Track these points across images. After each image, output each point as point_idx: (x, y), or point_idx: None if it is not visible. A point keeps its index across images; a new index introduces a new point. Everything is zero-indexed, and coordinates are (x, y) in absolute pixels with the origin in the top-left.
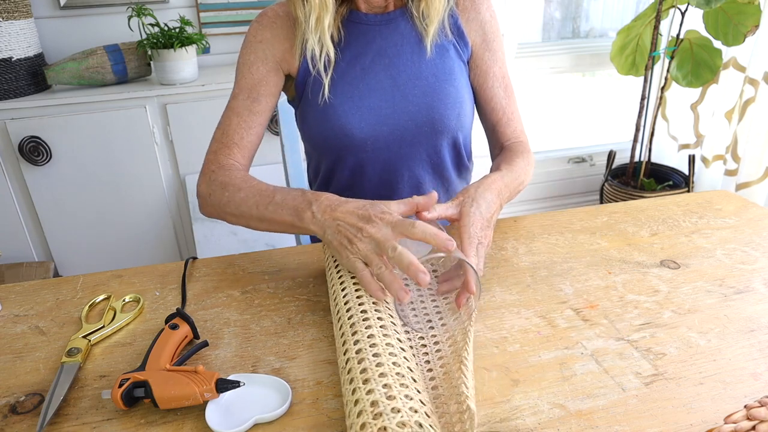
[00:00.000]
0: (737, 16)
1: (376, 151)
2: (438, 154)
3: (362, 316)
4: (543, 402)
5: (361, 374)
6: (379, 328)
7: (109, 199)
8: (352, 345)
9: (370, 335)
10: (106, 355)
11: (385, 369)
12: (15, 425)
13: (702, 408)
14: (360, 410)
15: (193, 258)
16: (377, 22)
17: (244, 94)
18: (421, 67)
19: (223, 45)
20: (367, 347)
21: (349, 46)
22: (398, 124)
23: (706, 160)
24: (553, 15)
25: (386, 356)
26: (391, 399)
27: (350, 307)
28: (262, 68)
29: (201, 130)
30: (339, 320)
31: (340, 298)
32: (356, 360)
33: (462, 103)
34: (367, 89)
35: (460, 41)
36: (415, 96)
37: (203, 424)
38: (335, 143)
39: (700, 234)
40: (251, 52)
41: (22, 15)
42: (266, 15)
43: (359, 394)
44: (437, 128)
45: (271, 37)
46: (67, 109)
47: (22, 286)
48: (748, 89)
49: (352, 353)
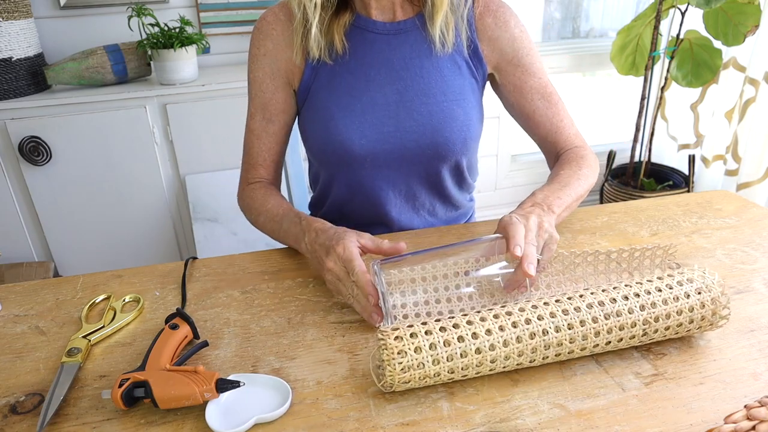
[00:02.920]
0: (737, 16)
1: (375, 168)
2: (438, 174)
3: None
4: (543, 402)
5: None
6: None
7: (109, 199)
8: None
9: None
10: (106, 355)
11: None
12: (15, 425)
13: (702, 408)
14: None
15: (193, 258)
16: (386, 32)
17: (260, 114)
18: (430, 84)
19: (223, 45)
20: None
21: (355, 54)
22: (400, 143)
23: (706, 160)
24: (553, 15)
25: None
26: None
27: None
28: (270, 85)
29: (201, 130)
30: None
31: None
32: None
33: (469, 128)
34: (371, 103)
35: (474, 58)
36: (421, 115)
37: (203, 424)
38: (334, 158)
39: (700, 234)
40: (258, 68)
41: (22, 15)
42: (265, 20)
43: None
44: (440, 152)
45: (273, 48)
46: (67, 109)
47: (22, 286)
48: (748, 89)
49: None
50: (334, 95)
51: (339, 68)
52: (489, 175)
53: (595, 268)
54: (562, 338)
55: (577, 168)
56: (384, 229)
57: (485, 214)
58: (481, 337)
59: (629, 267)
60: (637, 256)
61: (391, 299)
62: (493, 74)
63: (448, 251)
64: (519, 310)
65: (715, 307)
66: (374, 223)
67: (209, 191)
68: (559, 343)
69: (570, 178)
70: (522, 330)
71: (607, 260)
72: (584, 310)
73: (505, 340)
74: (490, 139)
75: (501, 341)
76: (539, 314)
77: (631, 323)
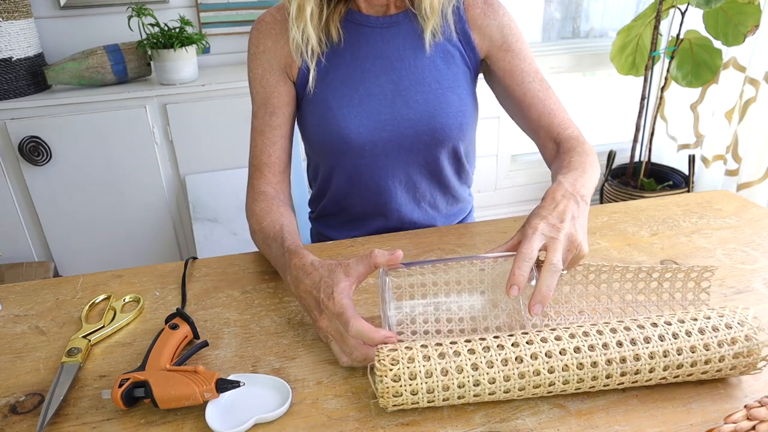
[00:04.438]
0: (737, 16)
1: (374, 157)
2: (437, 161)
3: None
4: (543, 402)
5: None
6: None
7: (109, 199)
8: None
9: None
10: (106, 355)
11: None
12: (15, 425)
13: (702, 408)
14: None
15: (193, 258)
16: (379, 25)
17: (262, 111)
18: (425, 73)
19: (223, 45)
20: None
21: (350, 47)
22: (398, 130)
23: (706, 160)
24: (553, 15)
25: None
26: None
27: None
28: (271, 79)
29: (201, 130)
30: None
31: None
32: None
33: (464, 113)
34: (367, 93)
35: (467, 47)
36: (417, 103)
37: (203, 424)
38: (333, 148)
39: (700, 234)
40: (258, 65)
41: (22, 15)
42: (264, 21)
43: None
44: (437, 138)
45: (272, 45)
46: (67, 109)
47: (22, 286)
48: (748, 89)
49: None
50: (331, 87)
51: (335, 61)
52: (489, 175)
53: (621, 286)
54: (569, 377)
55: (585, 156)
56: (383, 222)
57: (485, 214)
58: (480, 368)
59: (659, 288)
60: (668, 277)
61: (394, 309)
62: (485, 62)
63: (453, 264)
64: (527, 343)
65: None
66: (374, 214)
67: (209, 191)
68: (565, 381)
69: (585, 164)
70: (527, 365)
71: (635, 278)
72: (599, 350)
73: (506, 375)
74: (490, 139)
75: (501, 376)
76: (547, 350)
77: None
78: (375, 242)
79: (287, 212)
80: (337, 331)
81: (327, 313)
